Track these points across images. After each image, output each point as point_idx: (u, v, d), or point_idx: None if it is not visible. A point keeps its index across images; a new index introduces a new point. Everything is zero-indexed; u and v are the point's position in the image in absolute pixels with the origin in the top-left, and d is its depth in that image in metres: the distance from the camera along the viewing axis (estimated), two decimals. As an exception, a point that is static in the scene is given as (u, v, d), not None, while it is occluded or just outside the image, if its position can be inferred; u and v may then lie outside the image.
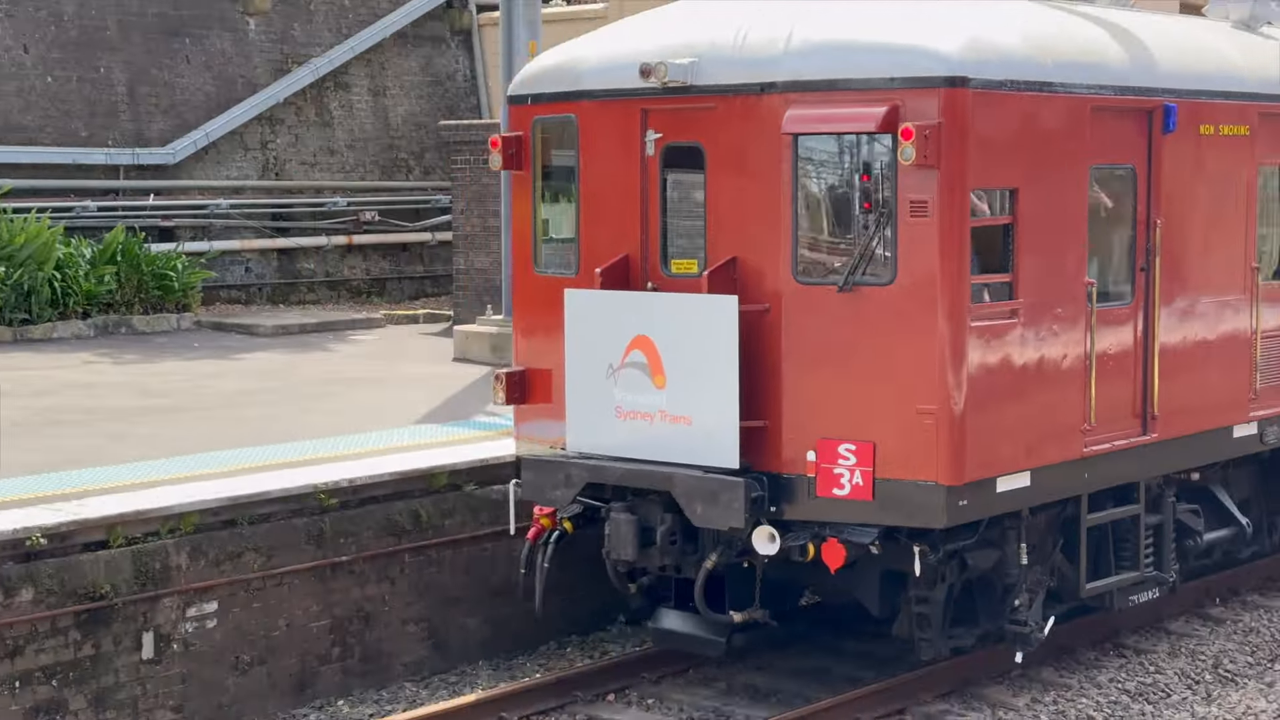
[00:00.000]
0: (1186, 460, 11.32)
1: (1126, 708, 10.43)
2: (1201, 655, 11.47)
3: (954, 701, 10.45)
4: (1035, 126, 9.88)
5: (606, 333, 10.11)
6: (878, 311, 9.50)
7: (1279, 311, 12.02)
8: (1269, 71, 11.99)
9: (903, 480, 9.38)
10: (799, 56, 9.68)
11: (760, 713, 10.37)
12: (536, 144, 10.90)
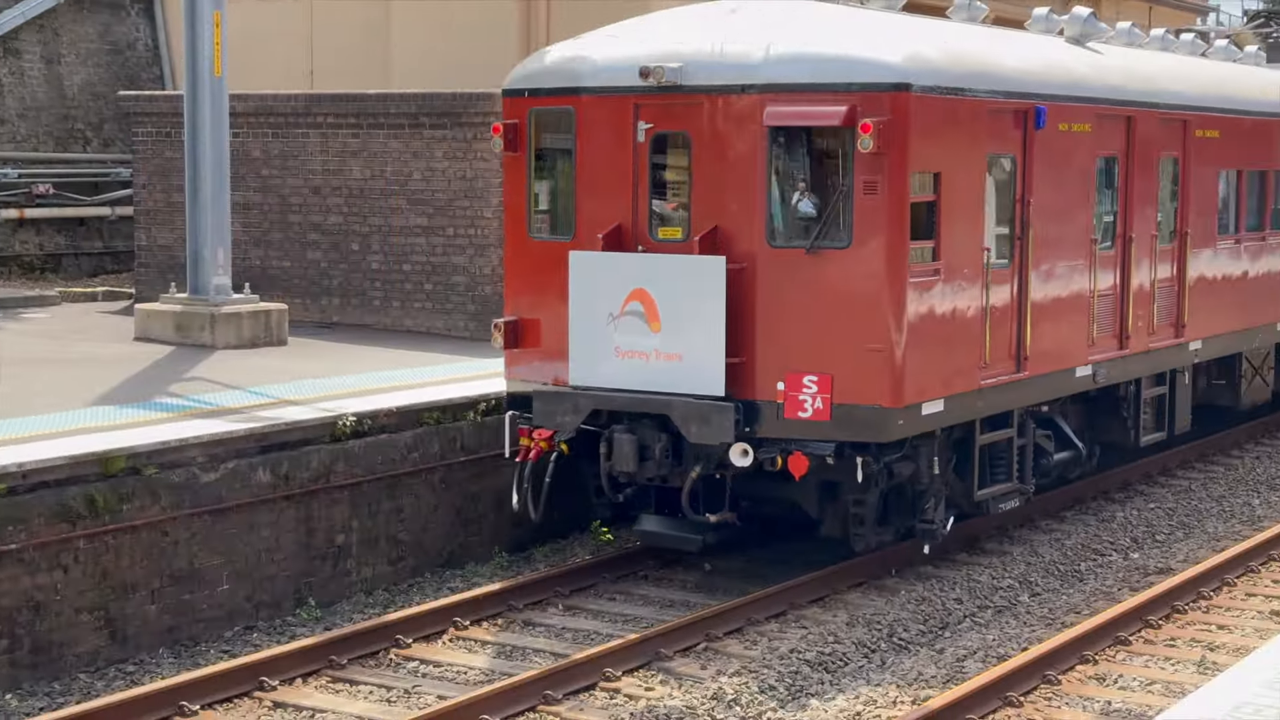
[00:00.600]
0: (1045, 394, 13.81)
1: (806, 677, 10.70)
2: (878, 624, 11.84)
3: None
4: (952, 123, 12.31)
5: (607, 287, 12.24)
6: (836, 270, 11.86)
7: (1109, 274, 14.68)
8: (1104, 79, 14.71)
9: (855, 404, 11.77)
10: (776, 64, 11.92)
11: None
12: (531, 131, 12.92)
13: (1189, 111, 16.01)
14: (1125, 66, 15.50)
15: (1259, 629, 11.64)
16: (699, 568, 13.50)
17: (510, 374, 13.18)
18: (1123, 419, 15.33)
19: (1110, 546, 14.17)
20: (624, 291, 12.20)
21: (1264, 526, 14.74)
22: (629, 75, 12.31)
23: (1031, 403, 13.66)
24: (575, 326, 12.41)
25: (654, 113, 12.37)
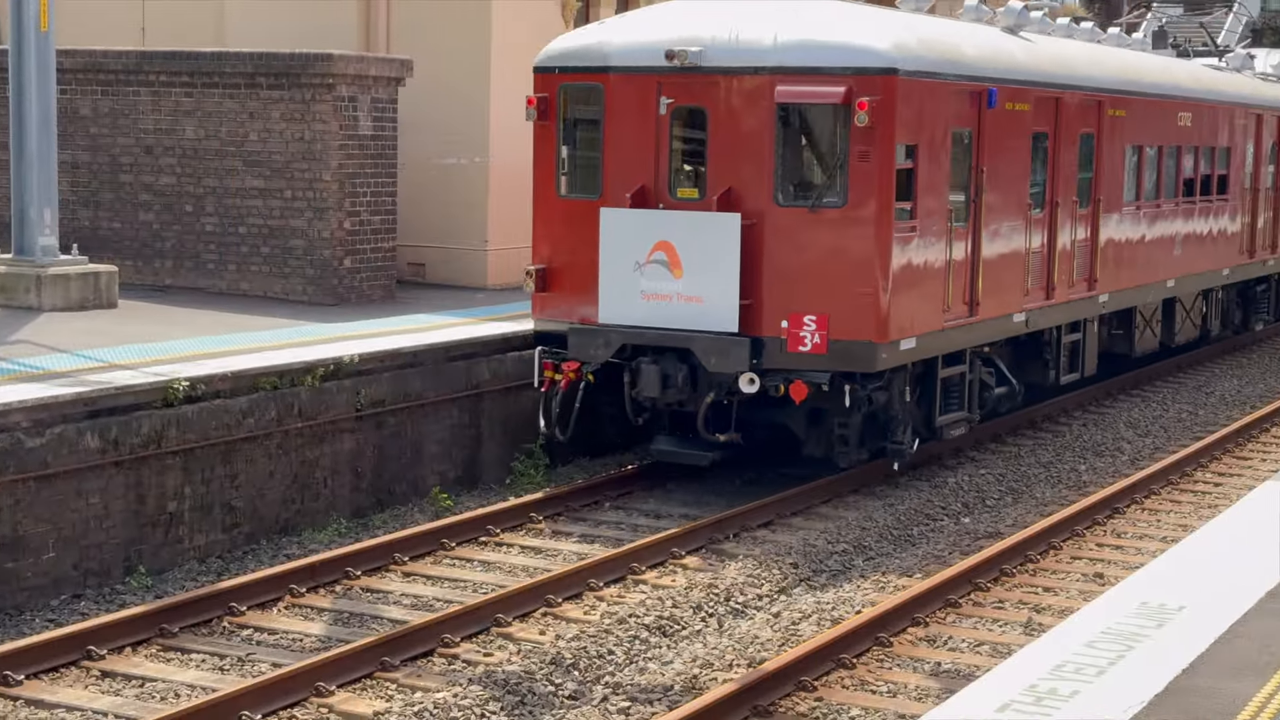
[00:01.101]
0: (990, 336, 16.01)
1: (645, 641, 10.77)
2: (715, 587, 11.95)
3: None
4: (926, 102, 14.35)
5: (635, 239, 14.18)
6: (834, 225, 13.95)
7: (1040, 234, 16.90)
8: (1039, 65, 16.88)
9: (847, 340, 13.83)
10: (784, 50, 13.93)
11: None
12: (560, 104, 14.85)
13: (1103, 93, 18.22)
14: (1053, 54, 17.62)
15: (1083, 590, 11.96)
16: (540, 533, 13.50)
17: (538, 315, 15.09)
18: (1045, 361, 17.67)
19: (942, 511, 14.45)
20: (649, 243, 14.18)
21: (1089, 492, 15.13)
22: (654, 57, 14.30)
23: (979, 343, 15.88)
24: (605, 273, 14.35)
25: (675, 89, 14.33)
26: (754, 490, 15.12)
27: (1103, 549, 13.26)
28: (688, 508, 14.51)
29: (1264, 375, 22.78)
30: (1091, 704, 5.97)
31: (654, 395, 14.31)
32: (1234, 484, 15.60)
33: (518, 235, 20.15)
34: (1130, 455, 17.05)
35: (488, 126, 19.55)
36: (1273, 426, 18.62)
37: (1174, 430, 18.50)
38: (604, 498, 14.67)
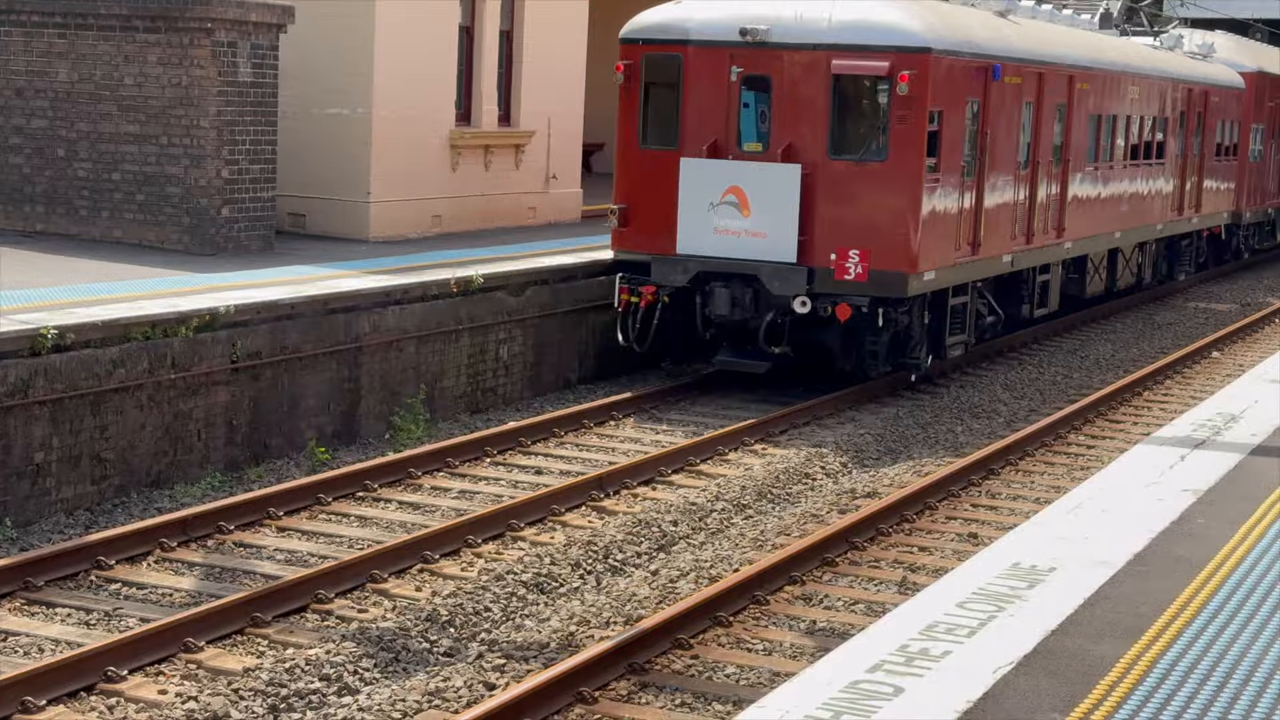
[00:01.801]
0: (986, 273, 19.05)
1: (523, 598, 10.72)
2: (594, 544, 11.92)
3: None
4: (950, 76, 17.25)
5: (710, 183, 16.94)
6: (876, 175, 16.80)
7: (1024, 188, 19.94)
8: (1027, 45, 19.75)
9: (885, 270, 16.62)
10: (838, 30, 16.81)
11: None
12: (643, 70, 17.65)
13: (1075, 69, 21.34)
14: (1036, 35, 20.71)
15: (957, 550, 12.09)
16: (419, 489, 13.38)
17: (618, 247, 17.86)
18: (1021, 296, 20.83)
19: (821, 471, 14.53)
20: (722, 187, 16.91)
21: (966, 453, 15.29)
22: (728, 33, 17.13)
23: (979, 278, 18.90)
24: (684, 211, 17.08)
25: (744, 60, 17.13)
26: (635, 448, 15.12)
27: (977, 509, 13.41)
28: (569, 465, 14.47)
29: (1137, 340, 23.18)
30: (962, 664, 6.01)
31: (724, 313, 17.02)
32: (1106, 446, 15.84)
33: (402, 187, 19.92)
34: (1006, 417, 17.26)
35: (371, 77, 19.27)
36: (1144, 390, 18.94)
37: (1049, 393, 18.76)
38: (484, 454, 14.58)
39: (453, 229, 20.70)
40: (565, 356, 18.18)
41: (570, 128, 23.31)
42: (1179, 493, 8.62)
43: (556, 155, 22.94)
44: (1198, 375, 20.28)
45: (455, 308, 16.33)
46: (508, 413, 16.76)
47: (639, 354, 17.76)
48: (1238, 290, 30.13)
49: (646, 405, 16.99)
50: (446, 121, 20.61)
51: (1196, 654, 6.19)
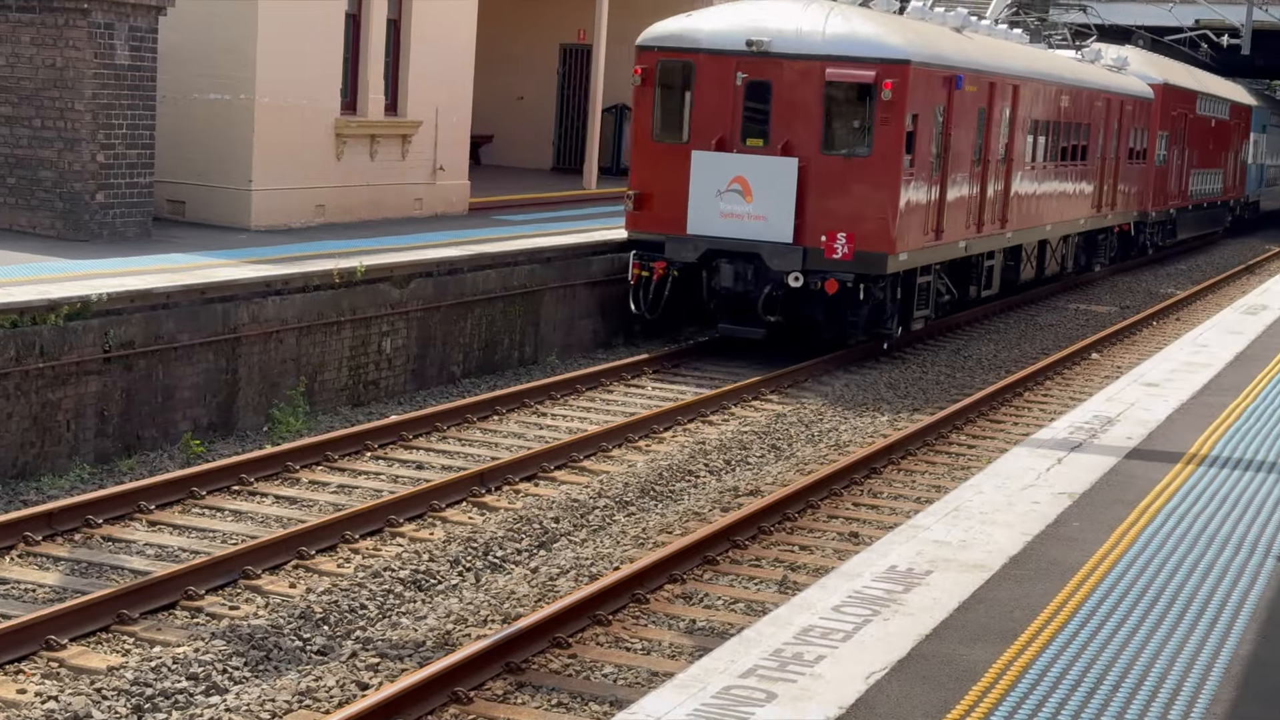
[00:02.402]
0: (945, 256, 21.59)
1: (399, 595, 10.56)
2: (474, 541, 11.78)
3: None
4: (924, 84, 19.77)
5: (717, 173, 19.40)
6: (862, 168, 19.19)
7: (977, 183, 22.55)
8: (982, 58, 22.54)
9: (868, 251, 19.02)
10: (831, 43, 19.21)
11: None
12: (657, 73, 20.06)
13: (1018, 79, 24.03)
14: (987, 48, 23.55)
15: (837, 549, 12.10)
16: (297, 483, 13.16)
17: (631, 228, 20.14)
18: (970, 278, 23.50)
19: (704, 468, 14.50)
20: (728, 176, 19.35)
21: (849, 451, 15.34)
22: (734, 43, 19.54)
23: (940, 260, 21.42)
24: (694, 197, 19.45)
25: (747, 67, 19.51)
26: (519, 443, 14.99)
27: (859, 509, 13.44)
28: (451, 459, 14.31)
29: (1019, 341, 23.44)
30: (836, 669, 5.96)
31: (729, 286, 19.38)
32: (986, 447, 15.96)
33: (285, 175, 19.60)
34: (889, 416, 17.35)
35: (254, 63, 18.93)
36: (1025, 391, 19.13)
37: (931, 392, 18.89)
38: (364, 448, 14.37)
39: (337, 219, 20.41)
40: (450, 350, 18.00)
41: (459, 119, 23.09)
42: (1055, 496, 8.66)
43: (444, 146, 22.72)
44: (1077, 377, 20.54)
45: (337, 299, 16.09)
46: (390, 406, 16.55)
47: (649, 321, 20.31)
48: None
49: (530, 400, 16.86)
50: (332, 110, 20.32)
51: (1068, 660, 6.20)
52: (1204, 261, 38.89)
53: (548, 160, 32.31)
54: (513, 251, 19.17)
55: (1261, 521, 8.36)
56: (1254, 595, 7.09)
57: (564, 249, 20.17)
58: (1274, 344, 15.02)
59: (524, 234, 20.92)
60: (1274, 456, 10.01)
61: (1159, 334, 24.82)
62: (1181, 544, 7.87)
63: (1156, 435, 10.50)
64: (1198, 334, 15.83)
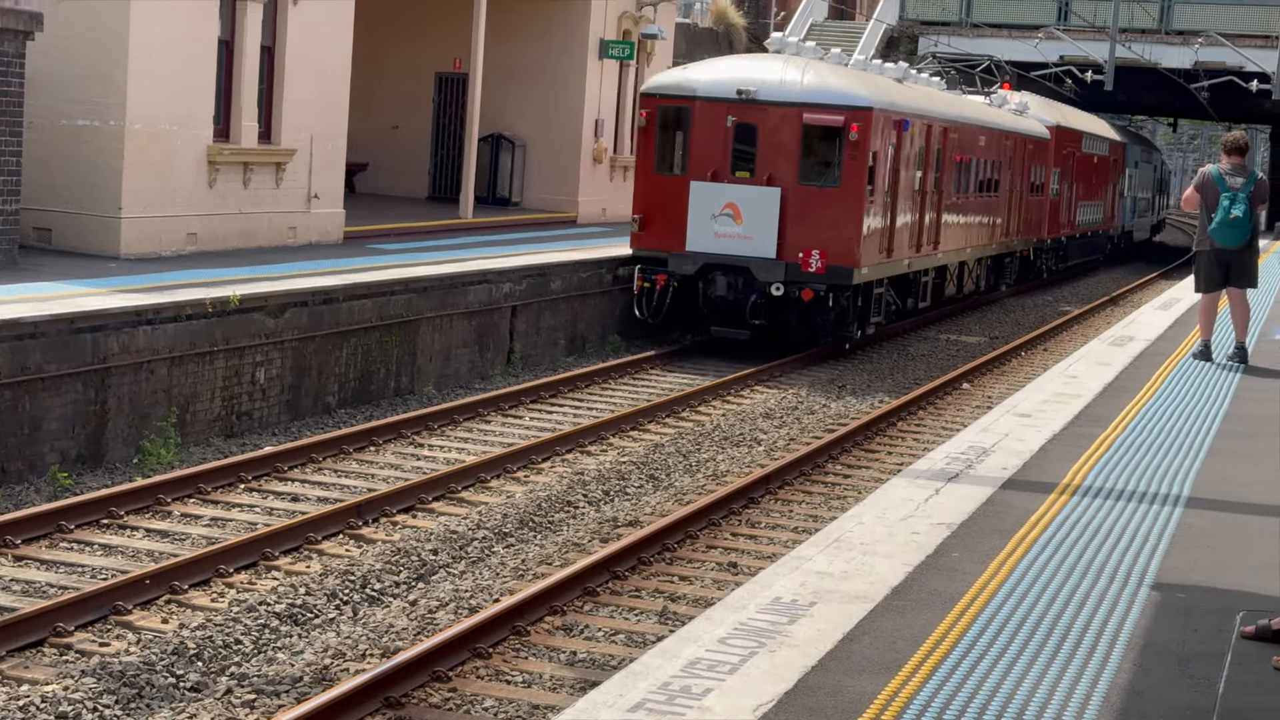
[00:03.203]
0: (894, 272, 25.42)
1: (275, 630, 10.39)
2: (352, 574, 11.64)
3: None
4: (881, 128, 23.39)
5: (712, 200, 22.90)
6: (832, 197, 22.76)
7: (918, 211, 26.24)
8: (923, 105, 26.68)
9: (838, 265, 22.58)
10: (807, 93, 22.82)
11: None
12: (658, 116, 23.68)
13: (949, 123, 28.04)
14: (925, 95, 28.00)
15: (717, 580, 12.13)
16: (169, 516, 12.91)
17: (636, 246, 23.62)
18: (909, 292, 27.29)
19: (583, 499, 14.47)
20: (721, 203, 22.90)
21: (727, 481, 15.40)
22: (726, 91, 23.12)
23: (890, 275, 25.13)
24: (692, 219, 22.97)
25: (737, 112, 23.07)
26: (396, 474, 14.86)
27: (738, 539, 13.48)
28: (328, 491, 14.14)
29: (891, 371, 23.73)
30: (724, 702, 5.96)
31: (722, 294, 22.92)
32: (862, 476, 16.12)
33: (156, 203, 19.30)
34: (766, 446, 17.45)
35: (124, 89, 18.64)
36: (899, 421, 19.35)
37: (807, 422, 19.04)
38: (238, 480, 14.15)
39: (209, 247, 20.13)
40: (325, 380, 17.80)
41: (334, 147, 22.91)
42: (935, 526, 8.75)
43: (319, 174, 22.52)
44: (949, 407, 20.82)
45: (210, 329, 15.85)
46: (264, 437, 16.33)
47: (652, 325, 23.59)
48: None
49: (407, 431, 16.73)
50: (204, 137, 20.05)
51: (951, 690, 6.25)
52: (1084, 287, 41.57)
53: (423, 189, 32.15)
54: (389, 281, 19.04)
55: (1134, 551, 8.52)
56: (1129, 624, 7.21)
57: (440, 278, 20.06)
58: (1141, 375, 15.35)
59: (400, 263, 20.79)
60: (1143, 486, 10.21)
61: (1028, 364, 25.26)
62: (1058, 574, 7.99)
63: (1031, 466, 10.66)
64: (1067, 365, 16.12)
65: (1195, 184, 16.01)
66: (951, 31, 55.39)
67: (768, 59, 24.16)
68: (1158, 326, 20.07)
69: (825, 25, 56.66)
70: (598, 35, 31.66)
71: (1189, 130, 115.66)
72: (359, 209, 25.20)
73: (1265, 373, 15.69)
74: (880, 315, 25.07)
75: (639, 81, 33.84)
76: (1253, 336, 16.82)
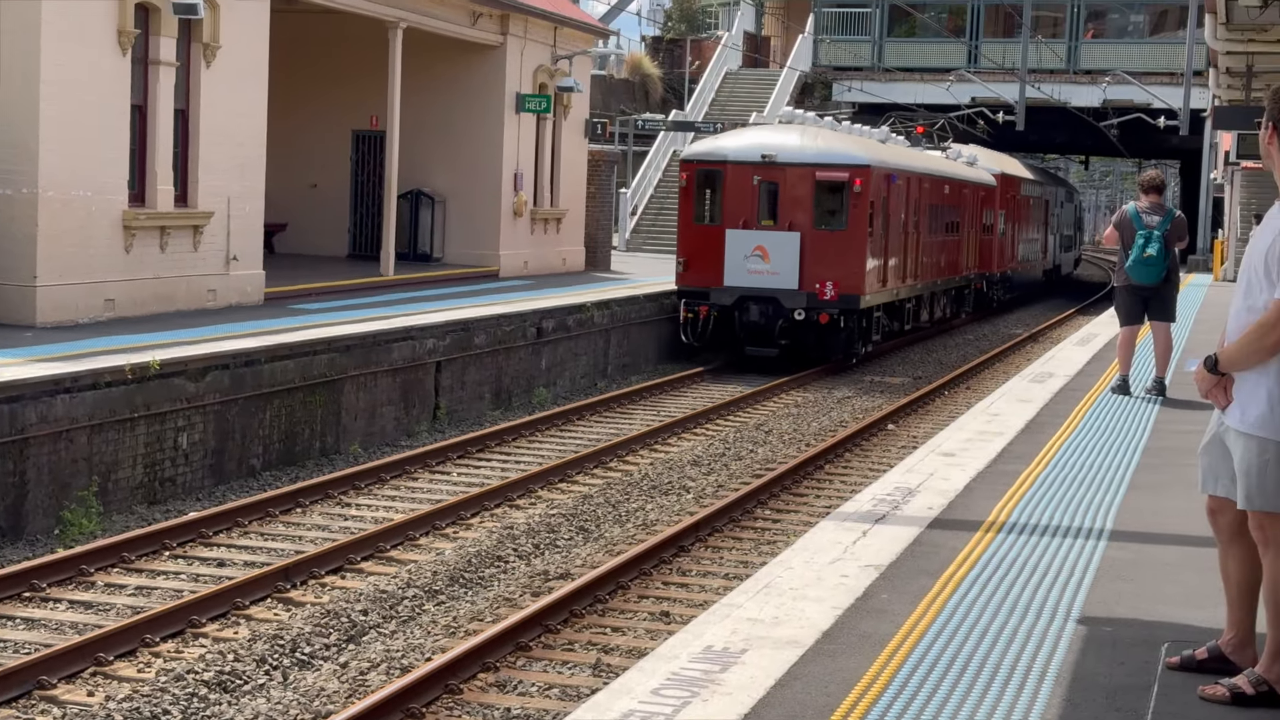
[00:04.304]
0: (887, 299, 30.58)
1: (204, 698, 10.24)
2: (281, 638, 11.52)
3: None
4: (876, 181, 28.63)
5: (744, 244, 27.82)
6: (841, 239, 27.89)
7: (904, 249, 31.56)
8: (903, 161, 32.31)
9: (847, 294, 27.67)
10: (818, 155, 28.17)
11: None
12: (695, 178, 28.81)
13: (923, 175, 33.64)
14: (903, 153, 34.27)
15: (650, 630, 12.10)
16: (92, 586, 12.72)
17: (682, 282, 28.56)
18: (895, 317, 32.18)
19: (513, 553, 14.42)
20: (752, 245, 27.85)
21: (656, 530, 15.40)
22: (752, 155, 28.24)
23: (884, 302, 30.44)
24: (729, 260, 27.89)
25: (761, 173, 28.12)
26: (324, 535, 14.73)
27: (669, 587, 13.48)
28: (254, 555, 13.99)
29: (817, 415, 23.85)
30: (658, 753, 5.95)
31: (755, 320, 27.78)
32: (791, 520, 16.17)
33: (72, 270, 19.13)
34: (695, 493, 17.47)
35: (37, 157, 18.48)
36: (826, 464, 19.44)
37: (735, 468, 19.09)
38: (163, 548, 13.99)
39: (128, 313, 19.95)
40: (249, 443, 17.66)
41: (251, 208, 22.81)
42: (863, 568, 8.78)
43: (237, 236, 22.41)
44: (875, 448, 20.95)
45: (130, 395, 15.70)
46: (188, 503, 16.17)
47: (696, 348, 28.45)
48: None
49: (334, 491, 16.61)
50: (119, 202, 19.91)
51: (884, 731, 6.28)
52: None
53: (344, 247, 32.06)
54: (311, 341, 18.95)
55: (1060, 586, 8.59)
56: (1057, 659, 7.26)
57: (363, 336, 19.98)
58: (1062, 411, 15.52)
59: (322, 322, 20.70)
60: (1067, 521, 10.31)
61: (951, 403, 25.47)
62: (986, 611, 8.04)
63: (956, 504, 10.73)
64: (989, 403, 16.27)
65: (1114, 222, 16.35)
66: (864, 77, 56.07)
67: (783, 128, 29.80)
68: (1077, 362, 20.32)
69: (740, 74, 57.17)
70: (514, 89, 31.76)
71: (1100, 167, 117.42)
72: (279, 269, 25.08)
73: (1183, 404, 15.91)
74: (879, 334, 30.35)
75: (557, 133, 33.96)
76: (1173, 368, 17.06)
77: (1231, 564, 6.80)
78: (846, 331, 28.16)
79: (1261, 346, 6.41)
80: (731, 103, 53.85)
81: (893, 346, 32.83)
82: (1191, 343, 21.69)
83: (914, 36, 58.96)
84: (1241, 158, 39.51)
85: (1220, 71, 28.01)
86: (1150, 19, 58.54)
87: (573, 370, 26.08)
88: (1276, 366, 6.43)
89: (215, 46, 21.69)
